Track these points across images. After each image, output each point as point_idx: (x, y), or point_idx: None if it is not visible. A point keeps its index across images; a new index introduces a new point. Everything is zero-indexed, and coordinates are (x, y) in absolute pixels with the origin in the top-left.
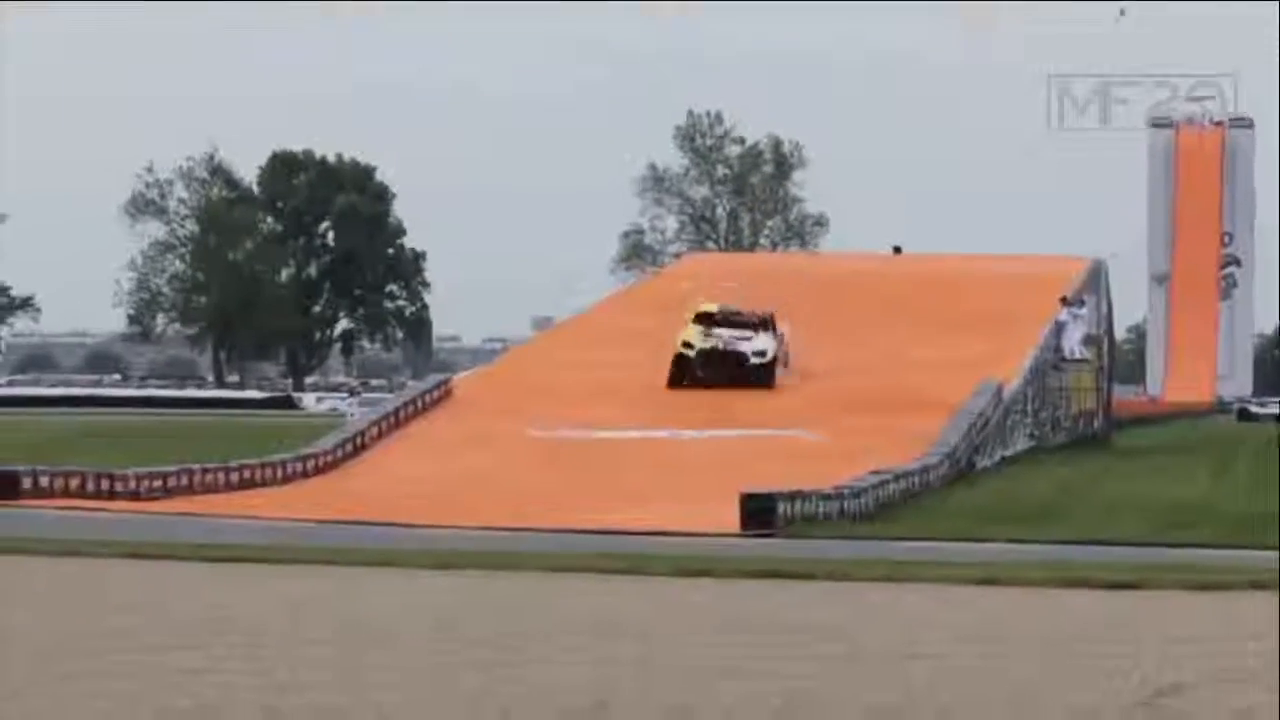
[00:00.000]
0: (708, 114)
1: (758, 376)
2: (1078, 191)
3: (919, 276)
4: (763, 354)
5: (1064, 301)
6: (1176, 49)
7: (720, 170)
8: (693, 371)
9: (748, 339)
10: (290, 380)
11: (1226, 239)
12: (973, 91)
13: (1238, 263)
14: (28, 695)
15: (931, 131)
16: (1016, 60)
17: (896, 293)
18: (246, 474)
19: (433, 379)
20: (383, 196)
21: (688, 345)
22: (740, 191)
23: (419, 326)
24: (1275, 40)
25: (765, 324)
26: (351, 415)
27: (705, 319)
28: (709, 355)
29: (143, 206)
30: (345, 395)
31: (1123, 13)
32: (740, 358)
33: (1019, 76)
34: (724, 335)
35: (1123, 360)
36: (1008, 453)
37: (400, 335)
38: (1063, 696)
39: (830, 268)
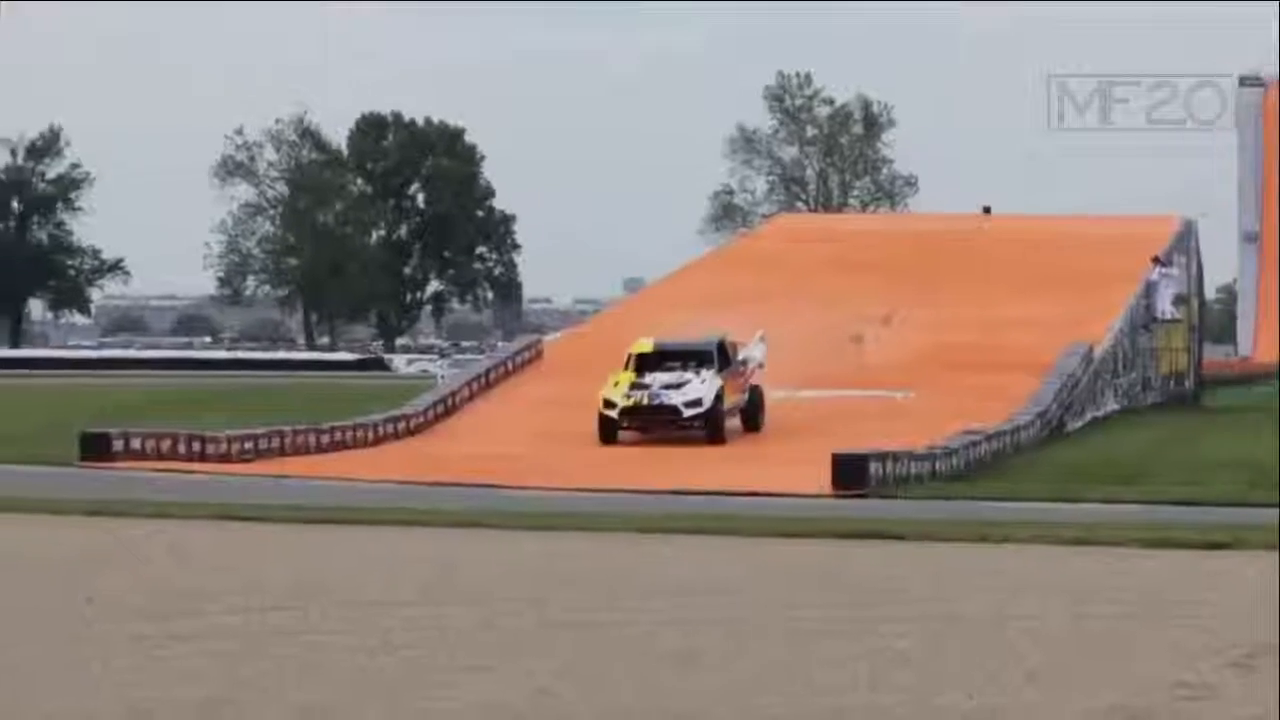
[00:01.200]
0: (797, 75)
1: (701, 430)
2: (1168, 152)
3: (1009, 236)
4: (697, 404)
5: (1155, 261)
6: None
7: (810, 131)
8: (620, 430)
9: (680, 385)
10: (381, 342)
11: None
12: (1058, 49)
13: None
14: (120, 655)
15: (1018, 92)
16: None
17: (986, 253)
18: (338, 436)
19: (523, 340)
20: (472, 159)
21: (609, 404)
22: (830, 152)
23: (509, 288)
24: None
25: (711, 357)
26: (442, 377)
27: (638, 363)
28: (634, 413)
29: (232, 169)
30: (436, 357)
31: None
32: (671, 412)
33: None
34: (653, 384)
35: (1213, 320)
36: (1098, 413)
37: (490, 297)
38: (1155, 656)
39: (920, 228)
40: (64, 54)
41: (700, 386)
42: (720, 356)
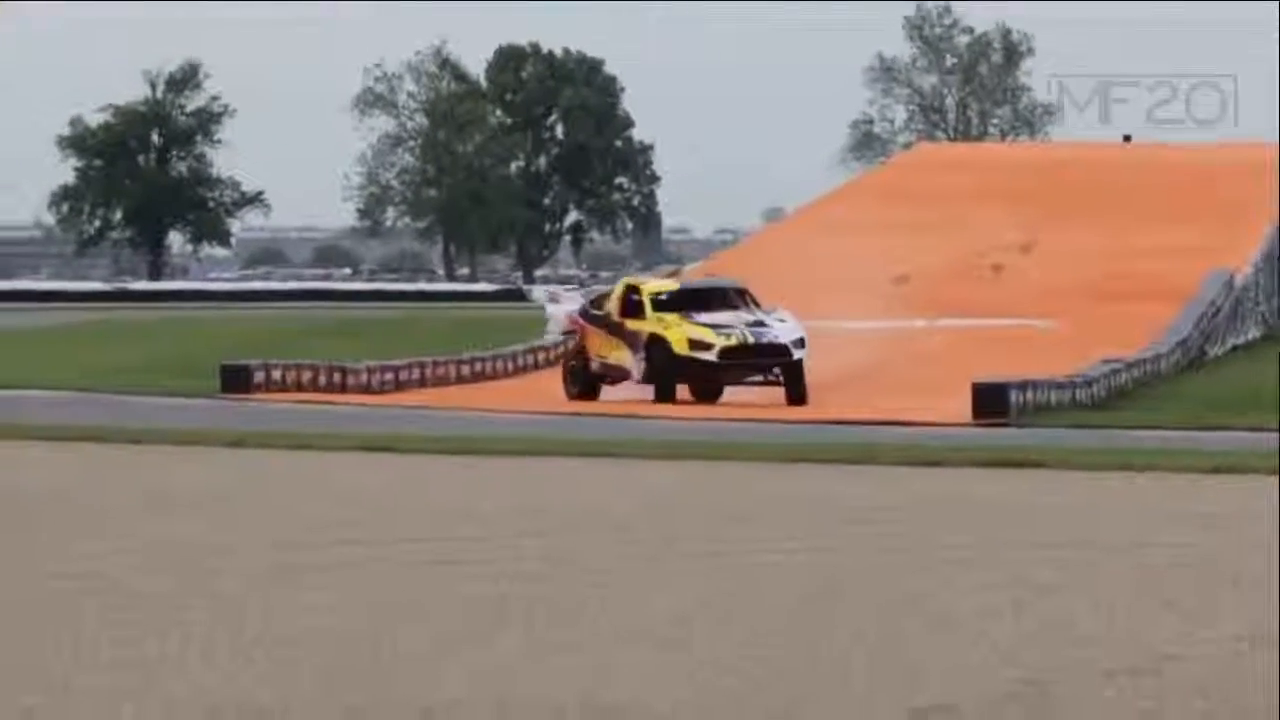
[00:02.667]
0: (936, 4)
1: (794, 378)
2: None
3: (1149, 164)
4: (801, 344)
5: None
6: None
7: (949, 60)
8: (706, 380)
9: (766, 324)
10: (520, 273)
11: None
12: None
13: None
14: (263, 587)
15: (1158, 19)
16: None
17: (1127, 181)
18: (477, 367)
19: (662, 270)
20: (611, 89)
21: (700, 345)
22: (969, 81)
23: (648, 218)
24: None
25: (751, 296)
26: None
27: (679, 302)
28: (736, 354)
29: (372, 101)
30: (575, 287)
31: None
32: (779, 354)
33: None
34: (738, 323)
35: None
36: (1239, 341)
37: (629, 227)
38: None
39: (1060, 156)
40: None
41: (794, 326)
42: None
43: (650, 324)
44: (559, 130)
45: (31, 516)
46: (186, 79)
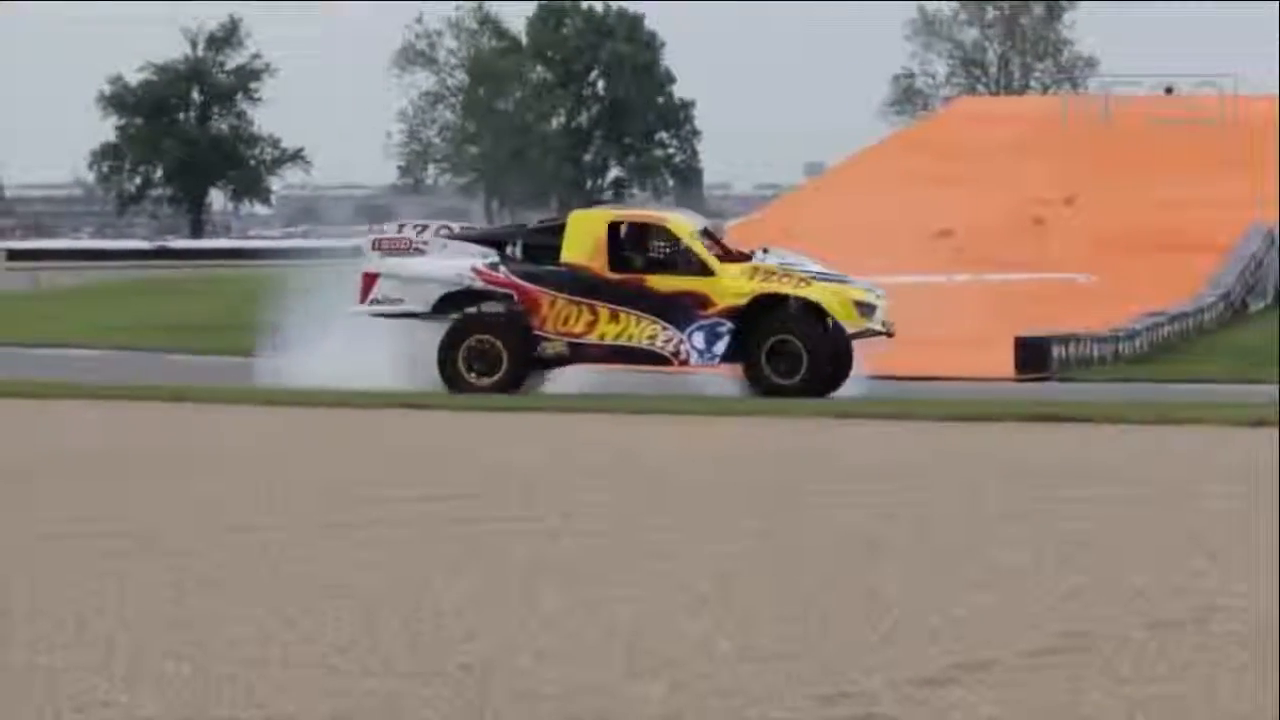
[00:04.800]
0: None
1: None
2: None
3: (1190, 117)
4: None
5: None
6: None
7: (990, 13)
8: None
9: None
10: None
11: None
12: None
13: None
14: (300, 544)
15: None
16: None
17: (1168, 133)
18: None
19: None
20: (652, 45)
21: (868, 309)
22: (1010, 34)
23: (689, 174)
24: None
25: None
26: None
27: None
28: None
29: (412, 57)
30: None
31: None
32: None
33: None
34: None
35: None
36: None
37: (670, 183)
38: None
39: (1101, 109)
40: None
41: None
42: None
43: (744, 281)
44: (600, 86)
45: (75, 475)
46: (227, 36)
